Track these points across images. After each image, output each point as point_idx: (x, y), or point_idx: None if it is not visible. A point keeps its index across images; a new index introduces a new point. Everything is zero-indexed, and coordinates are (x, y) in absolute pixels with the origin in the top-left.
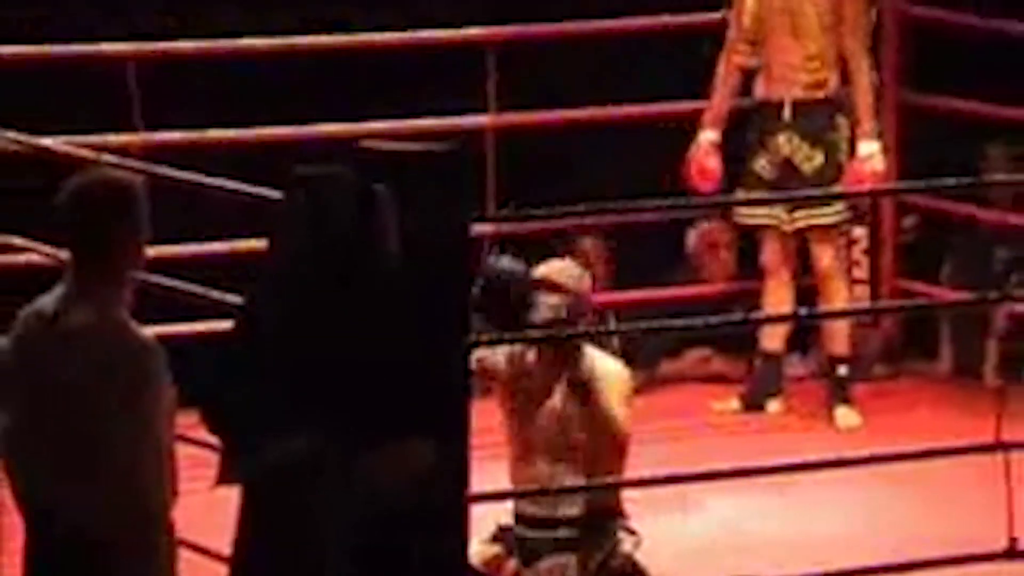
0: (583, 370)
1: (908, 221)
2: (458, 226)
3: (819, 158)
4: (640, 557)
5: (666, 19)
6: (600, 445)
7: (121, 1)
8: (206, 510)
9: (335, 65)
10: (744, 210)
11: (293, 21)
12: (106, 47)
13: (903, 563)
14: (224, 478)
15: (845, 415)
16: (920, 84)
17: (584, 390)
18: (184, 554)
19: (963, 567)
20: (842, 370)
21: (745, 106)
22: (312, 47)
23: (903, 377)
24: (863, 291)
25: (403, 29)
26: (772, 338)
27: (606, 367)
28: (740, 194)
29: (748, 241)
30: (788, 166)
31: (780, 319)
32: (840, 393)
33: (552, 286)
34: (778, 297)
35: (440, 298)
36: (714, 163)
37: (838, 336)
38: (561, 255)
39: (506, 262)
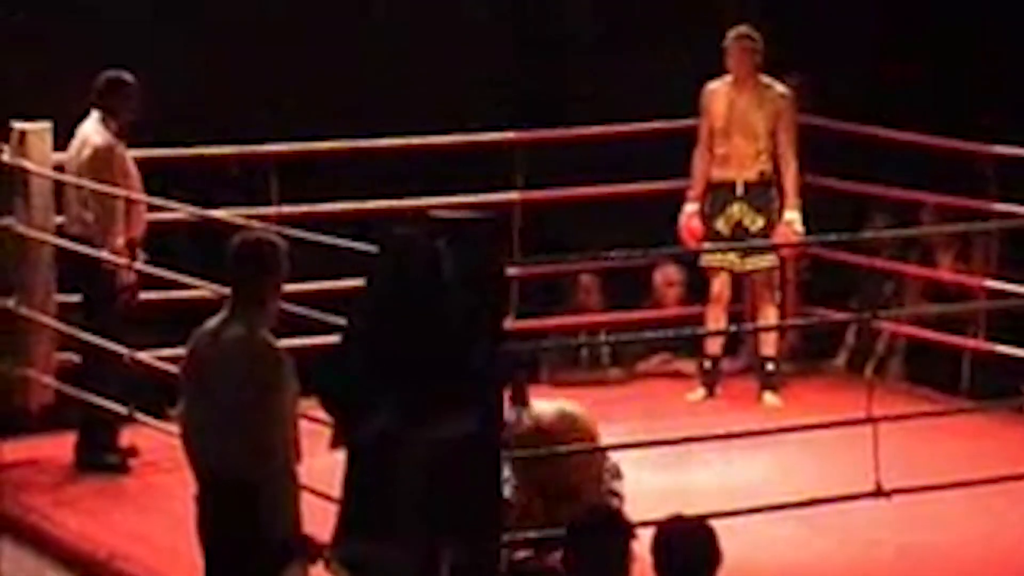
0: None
1: (802, 264)
2: (496, 269)
3: (761, 222)
4: (622, 488)
5: (656, 124)
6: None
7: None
8: (322, 466)
9: (409, 160)
10: (706, 257)
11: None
12: (256, 148)
13: (802, 501)
14: (335, 444)
15: (771, 398)
16: (825, 171)
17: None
18: (306, 496)
19: (844, 503)
20: (769, 366)
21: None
22: (392, 147)
23: (803, 373)
24: (777, 313)
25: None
26: (713, 344)
27: (553, 421)
28: (706, 246)
29: (697, 279)
30: (740, 227)
31: (721, 333)
32: (768, 382)
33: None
34: (716, 316)
35: (483, 317)
36: (697, 225)
37: (768, 342)
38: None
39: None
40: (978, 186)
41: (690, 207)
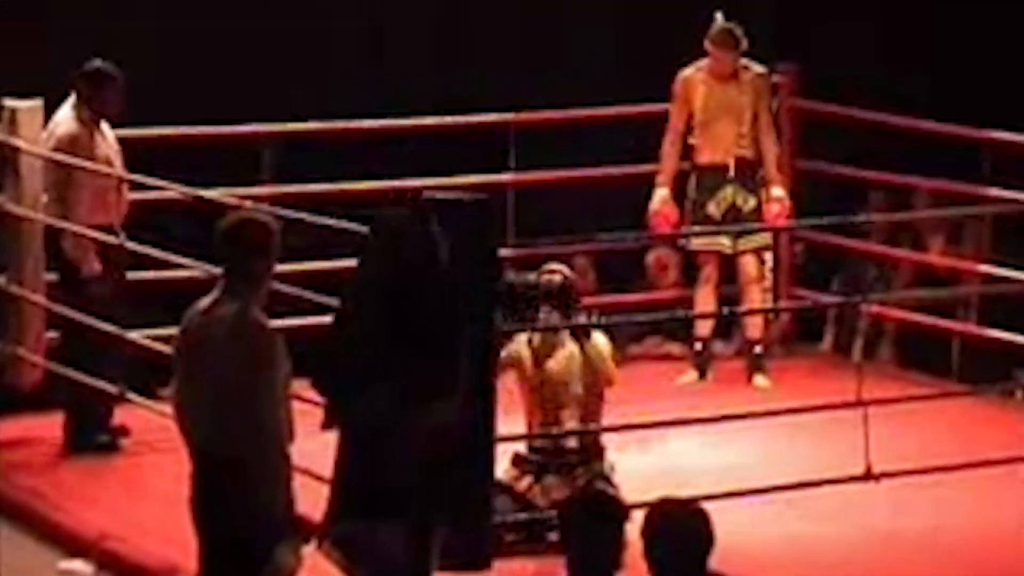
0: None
1: (798, 248)
2: (488, 250)
3: (753, 202)
4: (615, 478)
5: (629, 108)
6: (591, 396)
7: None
8: (315, 447)
9: (406, 139)
10: (696, 240)
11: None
12: (248, 128)
13: (792, 484)
14: (327, 424)
15: (761, 380)
16: (818, 155)
17: (585, 334)
18: (299, 476)
19: (834, 486)
20: (757, 349)
21: (684, 168)
22: (389, 128)
23: (793, 356)
24: (768, 296)
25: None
26: (703, 327)
27: (596, 337)
28: (695, 230)
29: (690, 262)
30: (733, 208)
31: (712, 316)
32: (756, 364)
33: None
34: (706, 299)
35: (475, 297)
36: (670, 211)
37: (755, 325)
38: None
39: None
40: (973, 172)
41: (662, 192)
